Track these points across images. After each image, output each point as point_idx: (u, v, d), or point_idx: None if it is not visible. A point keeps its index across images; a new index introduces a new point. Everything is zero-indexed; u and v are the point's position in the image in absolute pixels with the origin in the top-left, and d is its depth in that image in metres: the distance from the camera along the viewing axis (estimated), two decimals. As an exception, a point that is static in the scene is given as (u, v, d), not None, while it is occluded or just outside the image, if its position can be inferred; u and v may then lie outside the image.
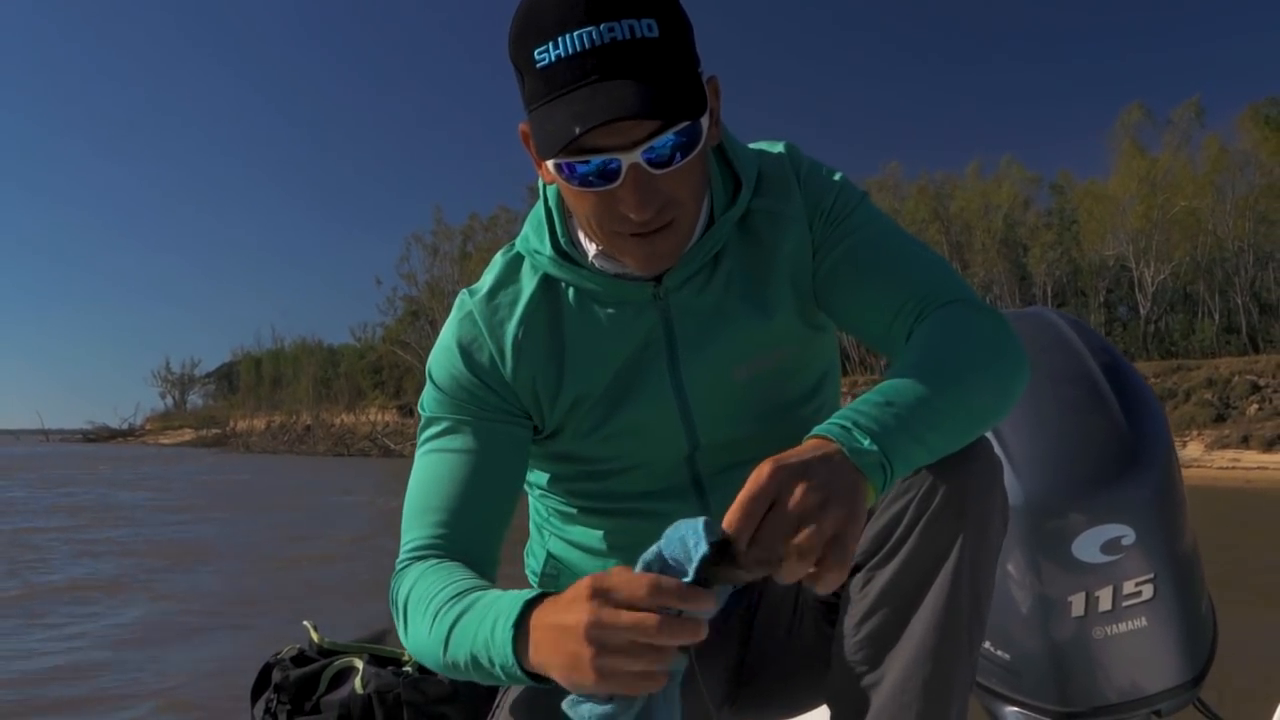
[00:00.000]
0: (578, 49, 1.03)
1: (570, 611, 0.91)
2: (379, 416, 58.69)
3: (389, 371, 61.69)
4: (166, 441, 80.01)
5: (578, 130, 1.02)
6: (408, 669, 1.78)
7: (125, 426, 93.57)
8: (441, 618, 1.08)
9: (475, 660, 1.03)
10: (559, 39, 1.04)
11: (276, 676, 1.83)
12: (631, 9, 1.04)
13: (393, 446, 49.81)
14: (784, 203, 1.27)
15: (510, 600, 1.01)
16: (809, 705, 1.40)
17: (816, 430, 0.97)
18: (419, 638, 1.12)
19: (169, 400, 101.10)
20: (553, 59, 1.05)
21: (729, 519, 0.89)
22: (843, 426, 0.96)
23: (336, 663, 1.81)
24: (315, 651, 1.86)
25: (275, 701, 1.81)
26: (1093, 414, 1.45)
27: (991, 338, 1.13)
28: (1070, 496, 1.41)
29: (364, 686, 1.74)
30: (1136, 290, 40.78)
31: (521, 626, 0.97)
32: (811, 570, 0.89)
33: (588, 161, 1.08)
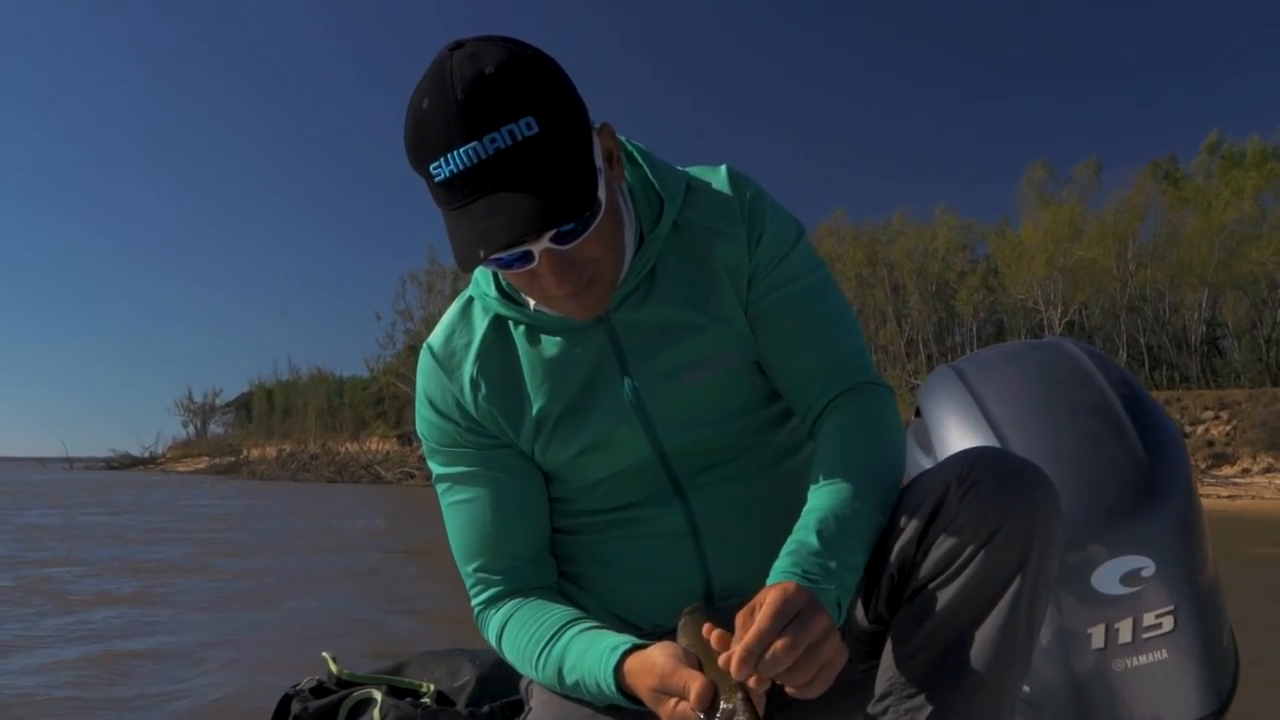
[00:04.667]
0: (466, 165, 1.01)
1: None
2: (379, 445, 58.15)
3: (390, 402, 61.20)
4: (183, 469, 78.86)
5: (482, 254, 1.02)
6: (426, 700, 1.65)
7: (146, 454, 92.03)
8: (546, 672, 1.18)
9: (595, 697, 1.13)
10: (448, 156, 1.01)
11: (295, 708, 1.70)
12: (507, 113, 1.00)
13: (384, 474, 49.50)
14: (721, 220, 1.23)
15: (602, 666, 1.09)
16: None
17: (780, 580, 1.01)
18: (533, 677, 1.23)
19: (191, 429, 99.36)
20: (446, 175, 1.02)
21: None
22: (798, 575, 1.02)
23: (355, 694, 1.68)
24: (334, 683, 1.73)
25: (294, 732, 1.67)
26: (1112, 445, 1.33)
27: (890, 432, 1.19)
28: (1090, 528, 1.28)
29: (382, 717, 1.62)
30: (1046, 332, 41.27)
31: (621, 680, 1.07)
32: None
33: (502, 257, 1.06)
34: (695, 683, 0.96)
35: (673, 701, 0.99)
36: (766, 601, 0.95)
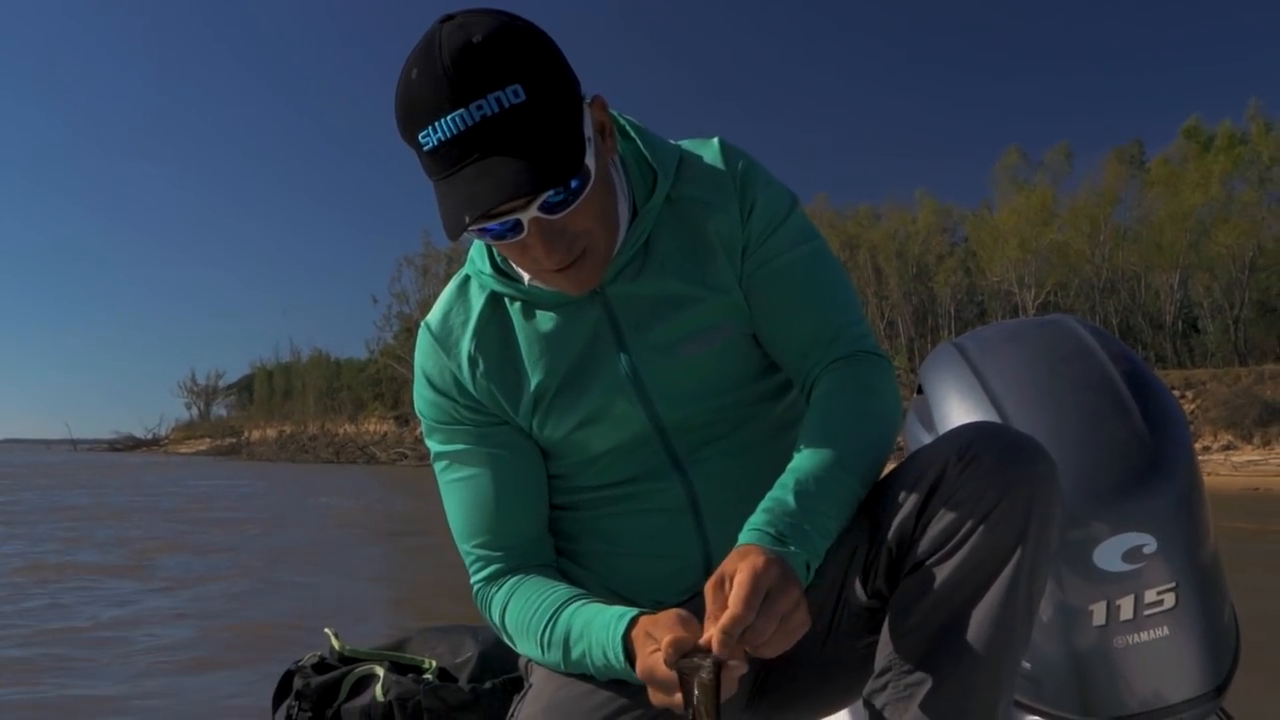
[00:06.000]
0: (453, 133, 0.99)
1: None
2: (377, 426, 58.04)
3: (387, 384, 61.04)
4: (185, 451, 78.43)
5: (468, 219, 1.00)
6: (428, 676, 1.61)
7: (150, 436, 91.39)
8: (550, 646, 1.15)
9: (599, 669, 1.11)
10: (435, 124, 1.00)
11: (298, 684, 1.66)
12: (494, 80, 0.98)
13: (379, 455, 49.59)
14: (714, 192, 1.19)
15: (609, 633, 1.08)
16: (831, 710, 1.26)
17: (751, 540, 1.00)
18: (534, 655, 1.20)
19: (194, 411, 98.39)
20: (434, 143, 1.01)
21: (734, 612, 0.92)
22: (771, 535, 1.01)
23: (357, 670, 1.64)
24: (336, 659, 1.69)
25: (296, 709, 1.65)
26: (1113, 422, 1.29)
27: (881, 401, 1.15)
28: (1091, 505, 1.25)
29: (385, 694, 1.58)
30: (1021, 313, 41.43)
31: (629, 646, 1.05)
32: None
33: (491, 226, 1.04)
34: (671, 635, 0.96)
35: (650, 646, 0.99)
36: (738, 582, 0.93)
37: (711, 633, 0.92)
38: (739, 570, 0.94)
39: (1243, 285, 36.20)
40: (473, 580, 1.26)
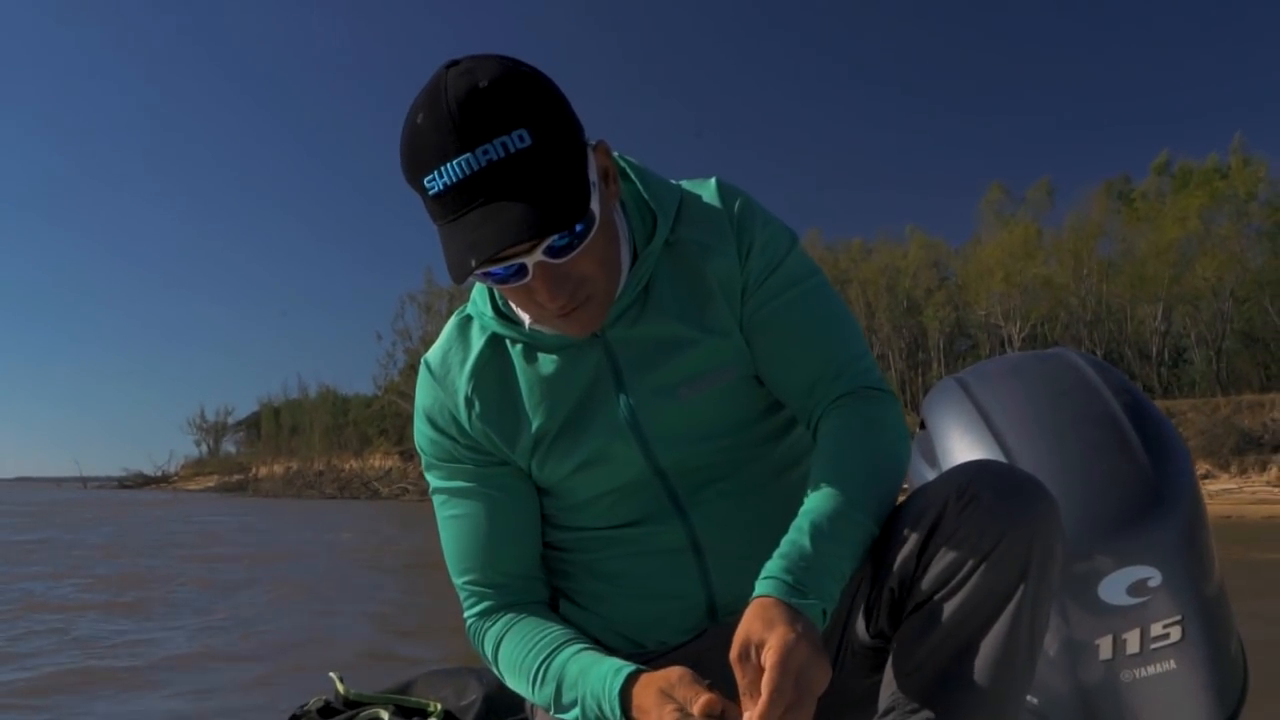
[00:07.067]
0: (459, 177, 0.98)
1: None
2: (382, 461, 57.74)
3: (391, 420, 60.81)
4: (194, 488, 77.82)
5: (474, 263, 0.98)
6: (433, 719, 1.56)
7: (159, 473, 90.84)
8: (541, 687, 1.13)
9: (589, 714, 1.08)
10: (441, 169, 0.98)
11: (302, 728, 1.61)
12: (500, 125, 0.97)
13: (382, 491, 49.34)
14: (712, 235, 1.17)
15: (605, 685, 1.05)
16: None
17: (770, 591, 0.97)
18: (523, 692, 1.18)
19: (203, 448, 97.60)
20: (440, 188, 0.99)
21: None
22: (789, 585, 0.97)
23: (363, 714, 1.61)
24: (341, 703, 1.65)
25: (301, 752, 1.60)
26: (1116, 455, 1.27)
27: (887, 436, 1.12)
28: (1095, 539, 1.22)
29: (389, 737, 1.53)
30: (1006, 346, 41.45)
31: (626, 698, 1.03)
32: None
33: (496, 270, 1.02)
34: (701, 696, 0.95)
35: (669, 706, 0.96)
36: (770, 666, 0.90)
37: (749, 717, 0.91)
38: (769, 649, 0.91)
39: (1224, 317, 36.26)
40: (466, 615, 1.24)
